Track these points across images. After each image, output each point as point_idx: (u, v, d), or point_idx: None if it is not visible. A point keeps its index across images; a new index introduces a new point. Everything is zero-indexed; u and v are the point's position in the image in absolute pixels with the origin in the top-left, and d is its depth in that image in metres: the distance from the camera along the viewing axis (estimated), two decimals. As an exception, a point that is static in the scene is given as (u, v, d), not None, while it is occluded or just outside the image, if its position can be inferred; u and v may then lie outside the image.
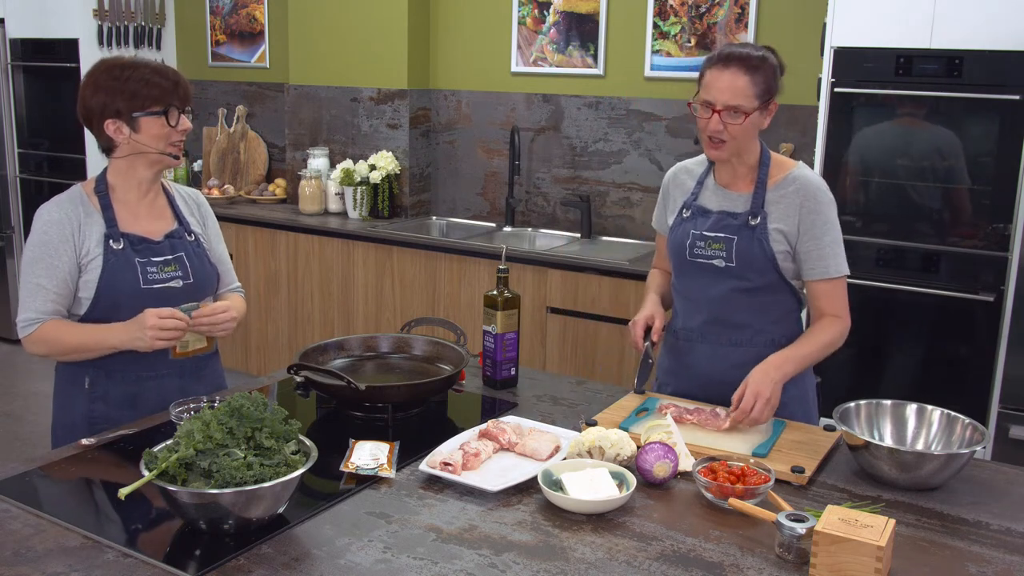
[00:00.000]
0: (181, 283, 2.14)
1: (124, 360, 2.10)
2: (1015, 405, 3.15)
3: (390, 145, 4.83)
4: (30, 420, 4.62)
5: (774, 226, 2.11)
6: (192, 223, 2.25)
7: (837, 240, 2.13)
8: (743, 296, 2.15)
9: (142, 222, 2.16)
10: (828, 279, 2.13)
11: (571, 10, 4.41)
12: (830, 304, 2.15)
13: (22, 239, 5.78)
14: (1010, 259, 3.09)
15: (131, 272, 2.09)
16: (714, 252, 2.15)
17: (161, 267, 2.13)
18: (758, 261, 2.12)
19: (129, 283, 2.08)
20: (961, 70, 3.06)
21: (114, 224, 2.11)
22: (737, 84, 2.02)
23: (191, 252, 2.19)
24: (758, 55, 2.05)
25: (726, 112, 2.03)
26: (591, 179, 4.46)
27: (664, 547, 1.54)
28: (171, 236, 2.18)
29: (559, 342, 3.94)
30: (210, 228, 2.31)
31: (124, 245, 2.10)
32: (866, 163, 3.30)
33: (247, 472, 1.49)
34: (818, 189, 2.12)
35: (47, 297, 2.06)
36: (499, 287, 2.28)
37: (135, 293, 2.08)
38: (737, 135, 2.05)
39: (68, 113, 5.44)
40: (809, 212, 2.10)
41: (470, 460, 1.79)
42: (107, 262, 2.07)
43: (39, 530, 1.54)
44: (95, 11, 5.33)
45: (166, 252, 2.15)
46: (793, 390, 2.15)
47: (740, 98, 2.02)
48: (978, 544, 1.57)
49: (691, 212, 2.22)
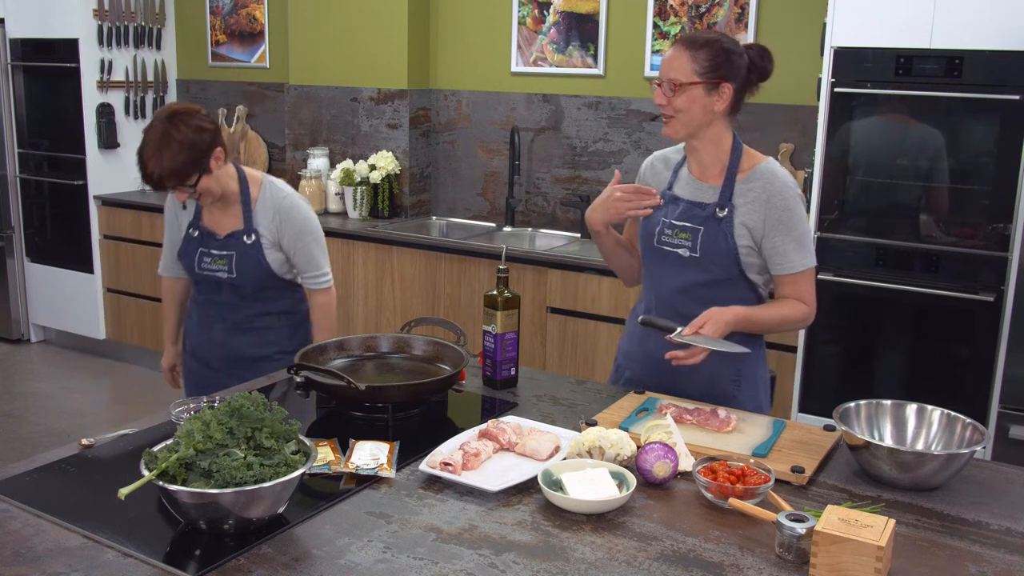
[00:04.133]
0: (226, 275, 2.56)
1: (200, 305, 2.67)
2: (1015, 405, 3.15)
3: (390, 145, 4.83)
4: (30, 420, 4.62)
5: (739, 220, 2.15)
6: (260, 226, 2.57)
7: (805, 234, 2.18)
8: (704, 288, 2.19)
9: (217, 218, 2.58)
10: (793, 273, 2.18)
11: (571, 10, 4.41)
12: (795, 293, 2.20)
13: (22, 239, 5.79)
14: (1010, 259, 3.09)
15: (192, 257, 2.59)
16: (680, 241, 2.20)
17: (215, 259, 2.57)
18: (721, 254, 2.17)
19: (189, 264, 2.61)
20: (961, 70, 3.06)
21: (198, 216, 2.60)
22: (678, 59, 2.12)
23: (243, 251, 2.55)
24: (706, 37, 2.14)
25: (666, 85, 2.13)
26: (591, 179, 4.46)
27: (664, 547, 1.54)
28: (232, 236, 2.56)
29: (559, 342, 3.94)
30: (287, 229, 2.58)
31: (197, 235, 2.59)
32: (866, 163, 3.30)
33: (247, 472, 1.49)
34: (784, 185, 2.16)
35: (165, 252, 2.75)
36: (499, 287, 2.28)
37: (191, 272, 2.62)
38: (680, 108, 2.13)
39: (68, 113, 5.46)
40: (775, 208, 2.14)
41: (470, 460, 1.79)
42: (184, 244, 2.62)
43: (39, 530, 1.54)
44: (95, 11, 5.33)
45: (222, 248, 2.56)
46: (746, 383, 2.24)
47: (676, 72, 2.12)
48: (978, 544, 1.57)
49: (664, 200, 2.27)
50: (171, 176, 2.35)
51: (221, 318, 2.65)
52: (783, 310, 2.18)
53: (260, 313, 2.65)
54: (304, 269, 2.64)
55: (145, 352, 5.42)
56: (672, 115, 2.15)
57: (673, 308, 2.23)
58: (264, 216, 2.56)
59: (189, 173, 2.37)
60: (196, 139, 2.36)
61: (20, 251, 5.80)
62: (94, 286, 5.52)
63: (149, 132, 2.36)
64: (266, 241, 2.56)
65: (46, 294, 5.75)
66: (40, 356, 5.69)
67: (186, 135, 2.34)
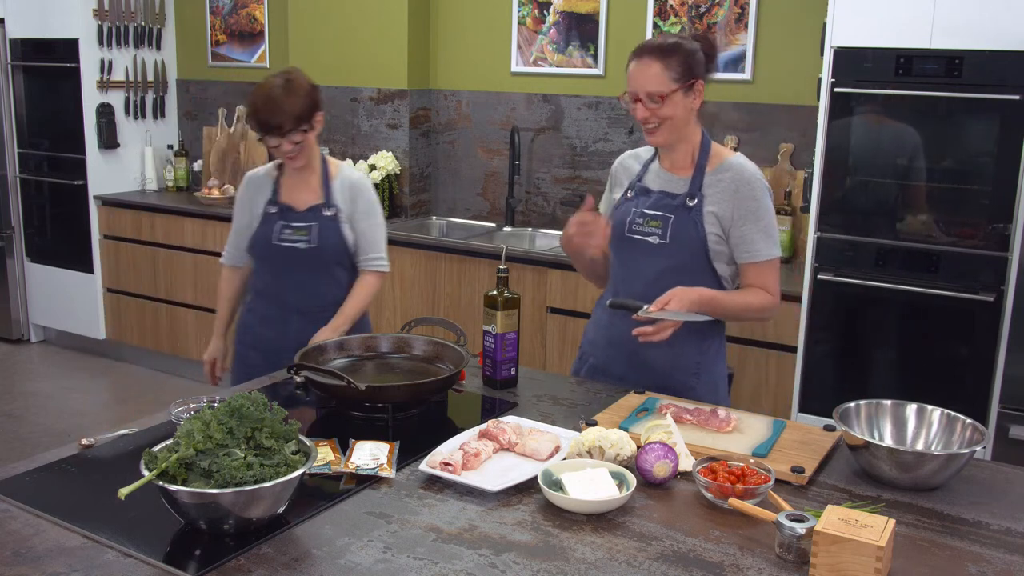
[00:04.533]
0: (306, 246, 2.66)
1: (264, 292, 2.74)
2: (1015, 405, 3.15)
3: (390, 145, 4.83)
4: (30, 420, 4.62)
5: (709, 209, 2.23)
6: (338, 200, 2.71)
7: (771, 225, 2.25)
8: (672, 275, 2.23)
9: (295, 194, 2.71)
10: (759, 261, 2.24)
11: (571, 10, 4.41)
12: (761, 284, 2.26)
13: (22, 239, 5.79)
14: (1010, 259, 3.09)
15: (270, 230, 2.68)
16: (651, 229, 2.26)
17: (295, 230, 2.67)
18: (691, 241, 2.23)
19: (265, 238, 2.68)
20: (961, 70, 3.06)
21: (276, 194, 2.72)
22: (651, 72, 2.16)
23: (323, 223, 2.68)
24: (669, 43, 2.19)
25: (647, 99, 2.17)
26: (591, 179, 4.46)
27: (664, 547, 1.54)
28: (312, 209, 2.69)
29: (559, 342, 3.94)
30: (359, 207, 2.73)
31: (276, 210, 2.69)
32: (866, 163, 3.30)
33: (247, 472, 1.49)
34: (753, 176, 2.24)
35: (231, 240, 2.83)
36: (499, 287, 2.28)
37: (267, 246, 2.69)
38: (667, 116, 2.19)
39: (68, 113, 5.46)
40: (744, 198, 2.22)
41: (470, 460, 1.79)
42: (262, 221, 2.70)
43: (39, 530, 1.54)
44: (95, 11, 5.33)
45: (302, 220, 2.67)
46: (705, 376, 2.31)
47: (655, 84, 2.16)
48: (978, 544, 1.57)
49: (634, 192, 2.34)
50: (294, 118, 2.54)
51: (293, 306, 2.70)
52: (748, 297, 2.25)
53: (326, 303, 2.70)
54: (367, 250, 2.74)
55: (145, 352, 5.42)
56: (657, 125, 2.20)
57: (641, 296, 2.25)
58: (340, 193, 2.71)
59: (309, 116, 2.58)
60: (312, 90, 2.61)
61: (20, 251, 5.80)
62: (94, 286, 5.52)
63: (266, 85, 2.57)
64: (342, 216, 2.70)
65: (46, 294, 5.75)
66: (40, 356, 5.69)
67: (305, 85, 2.60)
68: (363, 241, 2.74)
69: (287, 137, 2.57)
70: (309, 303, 2.70)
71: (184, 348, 5.17)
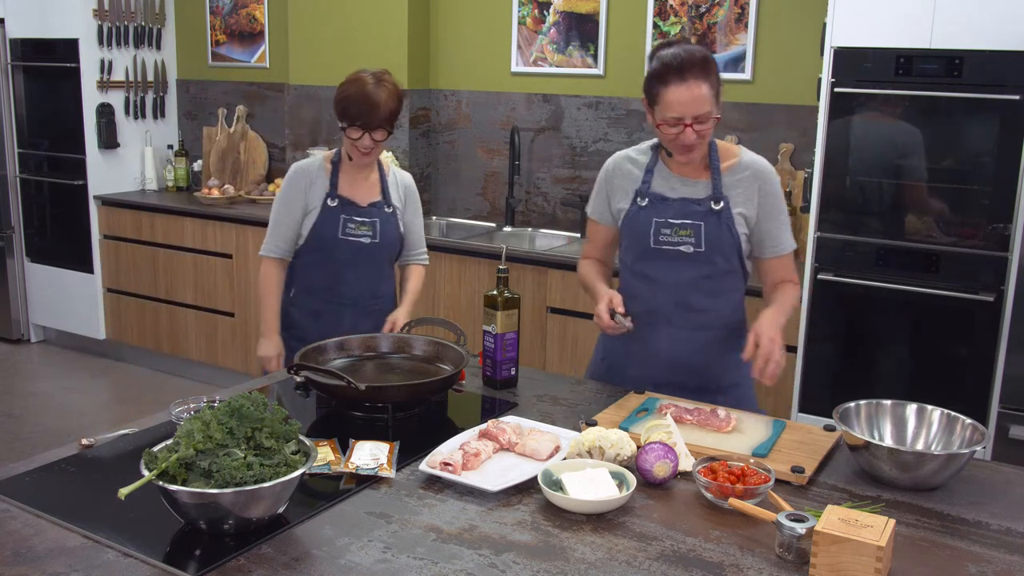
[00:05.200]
0: (369, 240, 2.73)
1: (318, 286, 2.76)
2: (1015, 405, 3.15)
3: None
4: (30, 420, 4.62)
5: (737, 210, 2.21)
6: (394, 198, 2.81)
7: (788, 216, 2.29)
8: (707, 281, 2.23)
9: (355, 190, 2.76)
10: (785, 254, 2.28)
11: (571, 10, 4.41)
12: (787, 274, 2.29)
13: (22, 239, 5.79)
14: (1010, 259, 3.09)
15: (335, 224, 2.71)
16: (681, 239, 2.22)
17: (359, 225, 2.72)
18: (725, 245, 2.21)
19: (331, 232, 2.71)
20: (961, 70, 3.06)
21: (335, 187, 2.74)
22: (700, 94, 2.07)
23: (384, 219, 2.76)
24: (699, 56, 2.10)
25: (696, 121, 2.09)
26: (591, 179, 4.45)
27: (664, 547, 1.54)
28: (373, 205, 2.76)
29: (559, 342, 3.94)
30: (409, 205, 2.86)
31: (337, 204, 2.72)
32: (866, 163, 3.30)
33: (247, 472, 1.49)
34: (770, 171, 2.26)
35: (278, 232, 2.76)
36: (499, 287, 2.28)
37: (334, 239, 2.71)
38: (707, 135, 2.15)
39: (68, 113, 5.45)
40: (767, 195, 2.22)
41: (470, 460, 1.79)
42: (322, 214, 2.71)
43: (39, 530, 1.54)
44: (95, 11, 5.33)
45: (365, 216, 2.73)
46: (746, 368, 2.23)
47: (707, 105, 2.09)
48: (978, 544, 1.57)
49: (648, 200, 2.26)
50: (385, 118, 2.63)
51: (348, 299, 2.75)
52: (787, 296, 2.26)
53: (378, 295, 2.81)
54: (414, 245, 2.89)
55: (145, 352, 5.42)
56: (698, 143, 2.14)
57: (680, 301, 2.24)
58: (395, 190, 2.83)
59: (397, 115, 2.69)
60: (400, 93, 2.71)
61: (20, 251, 5.80)
62: (94, 286, 5.51)
63: (361, 81, 2.64)
64: (399, 213, 2.82)
65: (46, 294, 5.75)
66: (40, 356, 5.69)
67: (399, 89, 2.71)
68: (412, 237, 2.88)
69: (372, 133, 2.63)
70: (364, 296, 2.77)
71: (184, 348, 5.17)
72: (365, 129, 2.62)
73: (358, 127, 2.62)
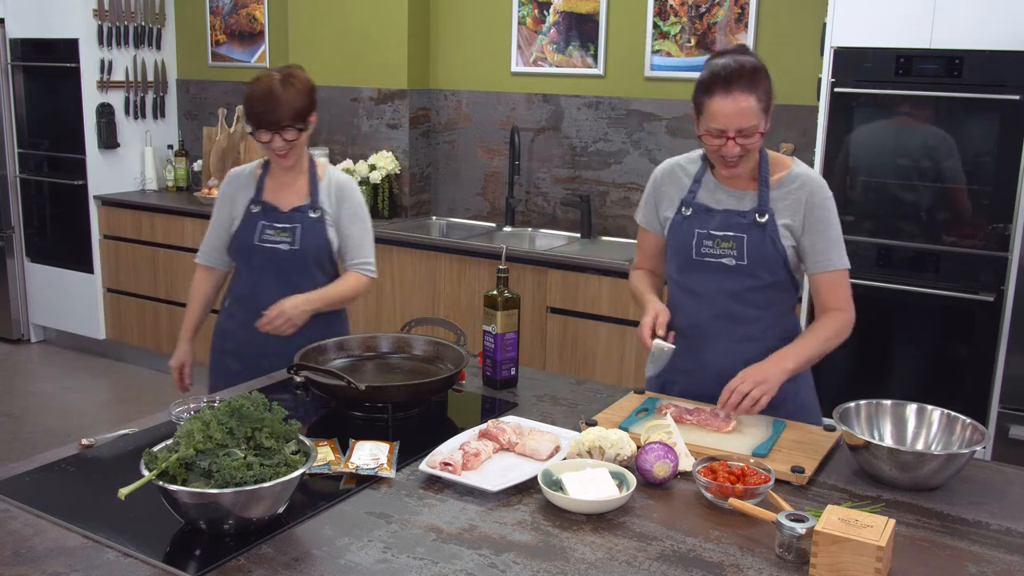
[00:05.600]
0: (288, 247, 2.60)
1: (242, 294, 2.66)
2: (1015, 405, 3.15)
3: (390, 145, 4.83)
4: (30, 420, 4.62)
5: (782, 222, 2.12)
6: (324, 202, 2.64)
7: (839, 234, 2.15)
8: (751, 294, 2.15)
9: (280, 195, 2.65)
10: (831, 271, 2.15)
11: (571, 10, 4.41)
12: (833, 297, 2.16)
13: (22, 239, 5.79)
14: (1010, 259, 3.09)
15: (252, 230, 2.61)
16: (724, 251, 2.15)
17: (278, 232, 2.60)
18: (770, 259, 2.13)
19: (248, 238, 2.61)
20: (961, 70, 3.06)
21: (259, 193, 2.65)
22: (746, 106, 2.00)
23: (308, 225, 2.61)
24: (749, 67, 2.02)
25: (739, 135, 2.02)
26: (591, 179, 4.46)
27: (664, 547, 1.54)
28: (297, 209, 2.62)
29: (559, 342, 3.94)
30: (344, 210, 2.67)
31: (259, 210, 2.63)
32: (866, 163, 3.30)
33: (247, 472, 1.49)
34: (821, 185, 2.15)
35: (209, 236, 2.73)
36: (499, 287, 2.28)
37: (250, 246, 2.61)
38: (754, 146, 2.06)
39: (68, 113, 5.45)
40: (814, 207, 2.12)
41: (470, 460, 1.79)
42: (243, 220, 2.63)
43: (39, 530, 1.54)
44: (95, 11, 5.33)
45: (286, 221, 2.61)
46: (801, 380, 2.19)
47: (751, 118, 2.01)
48: (978, 544, 1.57)
49: (692, 210, 2.20)
50: (291, 115, 2.51)
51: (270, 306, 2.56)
52: (824, 331, 2.13)
53: None
54: (354, 255, 2.68)
55: (145, 352, 5.42)
56: (742, 156, 2.07)
57: (724, 312, 2.17)
58: (327, 194, 2.65)
59: (306, 114, 2.56)
60: (311, 89, 2.59)
61: (20, 251, 5.80)
62: (94, 286, 5.51)
63: (265, 79, 2.53)
64: (328, 218, 2.64)
65: (46, 294, 5.75)
66: (40, 356, 5.69)
67: (306, 83, 2.57)
68: (349, 244, 2.67)
69: (281, 133, 2.51)
70: None
71: (184, 348, 5.17)
72: (272, 130, 2.50)
73: (265, 129, 2.50)
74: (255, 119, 2.52)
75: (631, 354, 3.75)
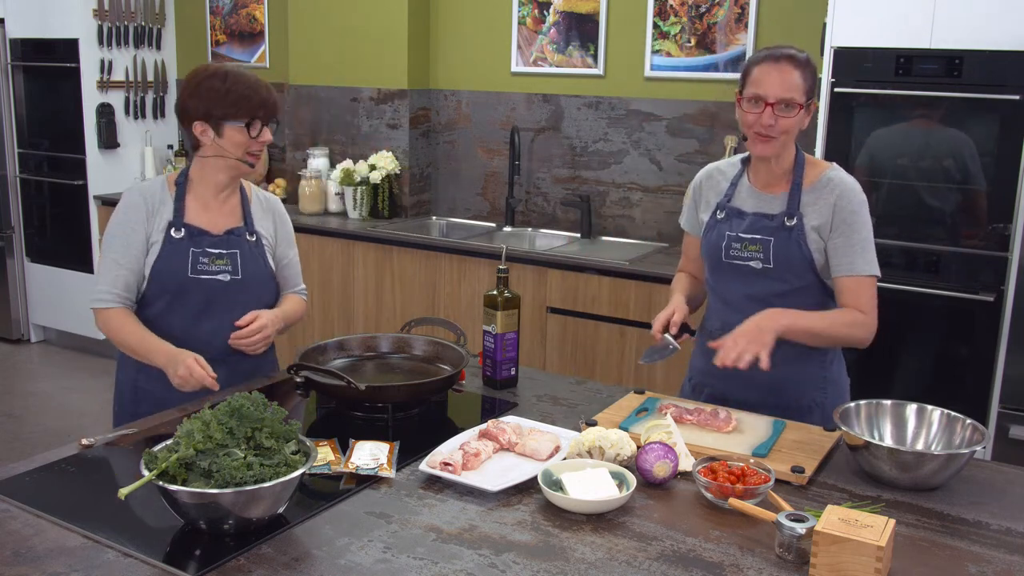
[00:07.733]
0: (228, 277, 2.23)
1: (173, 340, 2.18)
2: (1015, 405, 3.15)
3: (390, 145, 4.83)
4: (30, 420, 4.62)
5: (811, 224, 2.11)
6: (259, 225, 2.33)
7: (868, 240, 2.12)
8: (780, 298, 2.13)
9: (208, 216, 2.26)
10: (854, 276, 2.10)
11: (571, 10, 4.41)
12: (854, 301, 2.11)
13: (22, 239, 5.79)
14: (1010, 259, 3.09)
15: (182, 260, 2.20)
16: (751, 254, 2.15)
17: (213, 259, 2.22)
18: (796, 263, 2.12)
19: (178, 271, 2.20)
20: (961, 70, 3.06)
21: (180, 215, 2.23)
22: (790, 78, 2.04)
23: (246, 251, 2.27)
24: (802, 55, 2.09)
25: (778, 106, 2.05)
26: (591, 179, 4.46)
27: (664, 547, 1.54)
28: (231, 233, 2.26)
29: (559, 342, 3.94)
30: (280, 233, 2.40)
31: (183, 235, 2.21)
32: (866, 163, 3.30)
33: (247, 472, 1.49)
34: (852, 189, 2.12)
35: (119, 273, 2.19)
36: (499, 287, 2.28)
37: (182, 280, 2.20)
38: (787, 129, 2.07)
39: (68, 113, 5.46)
40: (841, 210, 2.10)
41: (470, 460, 1.79)
42: (164, 249, 2.20)
43: (39, 530, 1.54)
44: (95, 11, 5.33)
45: (221, 247, 2.24)
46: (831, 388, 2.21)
47: (793, 91, 2.05)
48: (978, 544, 1.57)
49: (725, 213, 2.21)
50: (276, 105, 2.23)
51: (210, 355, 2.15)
52: (839, 317, 2.10)
53: None
54: (294, 281, 2.43)
55: (145, 352, 5.42)
56: (774, 136, 2.07)
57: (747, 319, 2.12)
58: (261, 217, 2.34)
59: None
60: None
61: (20, 251, 5.80)
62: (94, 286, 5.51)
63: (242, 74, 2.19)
64: (266, 243, 2.33)
65: (46, 294, 5.74)
66: (40, 356, 5.68)
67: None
68: (290, 271, 2.40)
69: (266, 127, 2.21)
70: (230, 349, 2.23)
71: (184, 348, 5.16)
72: (266, 121, 2.20)
73: (261, 120, 2.18)
74: (249, 109, 2.16)
75: (631, 354, 3.75)
